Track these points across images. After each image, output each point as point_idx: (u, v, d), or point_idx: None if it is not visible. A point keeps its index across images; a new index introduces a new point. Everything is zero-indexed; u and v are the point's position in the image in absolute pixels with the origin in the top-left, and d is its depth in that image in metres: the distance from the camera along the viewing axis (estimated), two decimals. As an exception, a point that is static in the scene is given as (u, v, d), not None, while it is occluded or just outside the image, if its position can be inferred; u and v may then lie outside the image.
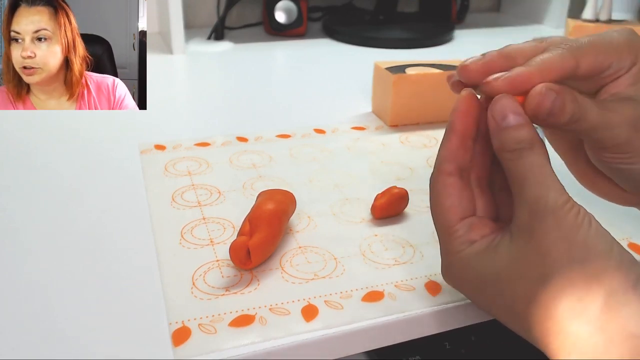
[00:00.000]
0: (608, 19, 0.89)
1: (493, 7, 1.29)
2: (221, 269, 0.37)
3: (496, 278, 0.29)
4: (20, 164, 0.51)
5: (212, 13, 1.02)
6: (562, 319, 0.25)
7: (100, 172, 0.49)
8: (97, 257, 0.38)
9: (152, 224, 0.41)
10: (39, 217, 0.42)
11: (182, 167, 0.50)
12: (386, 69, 0.59)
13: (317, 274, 0.36)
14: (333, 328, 0.32)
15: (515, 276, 0.28)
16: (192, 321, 0.32)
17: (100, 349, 0.30)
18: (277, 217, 0.37)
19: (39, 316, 0.33)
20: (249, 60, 0.88)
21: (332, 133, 0.58)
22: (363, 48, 0.95)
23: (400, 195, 0.43)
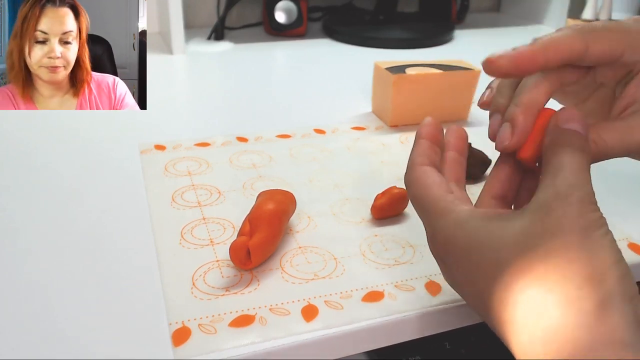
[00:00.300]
0: (608, 19, 0.89)
1: (493, 7, 1.29)
2: (221, 269, 0.37)
3: (488, 244, 0.27)
4: (20, 164, 0.51)
5: (212, 13, 1.02)
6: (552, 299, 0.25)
7: (100, 172, 0.49)
8: (97, 257, 0.38)
9: (152, 224, 0.41)
10: (39, 217, 0.42)
11: (182, 167, 0.50)
12: (386, 69, 0.59)
13: (317, 274, 0.36)
14: (333, 328, 0.32)
15: (514, 246, 0.27)
16: (192, 321, 0.32)
17: (100, 349, 0.30)
18: (277, 217, 0.37)
19: (39, 316, 0.33)
20: (249, 60, 0.88)
21: (332, 133, 0.58)
22: (363, 48, 0.95)
23: (400, 195, 0.42)
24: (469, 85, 0.61)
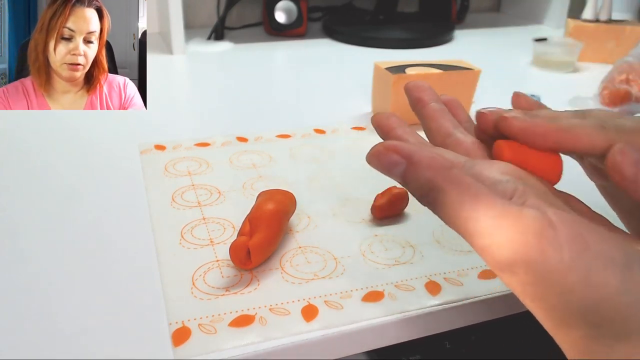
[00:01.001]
0: (608, 19, 0.89)
1: (493, 7, 1.29)
2: (221, 269, 0.37)
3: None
4: (20, 164, 0.51)
5: (212, 13, 1.02)
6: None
7: (100, 172, 0.49)
8: (97, 257, 0.38)
9: (152, 224, 0.41)
10: (39, 217, 0.42)
11: (182, 167, 0.50)
12: (386, 69, 0.59)
13: (317, 274, 0.36)
14: (333, 328, 0.32)
15: None
16: (192, 321, 0.32)
17: (100, 349, 0.30)
18: (277, 218, 0.37)
19: (39, 316, 0.33)
20: (249, 60, 0.88)
21: (332, 133, 0.58)
22: (363, 48, 0.95)
23: (400, 195, 0.42)
24: (469, 85, 0.61)
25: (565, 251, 0.22)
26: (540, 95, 0.71)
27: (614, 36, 0.88)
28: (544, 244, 0.22)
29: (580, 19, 0.90)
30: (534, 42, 0.86)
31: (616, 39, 0.88)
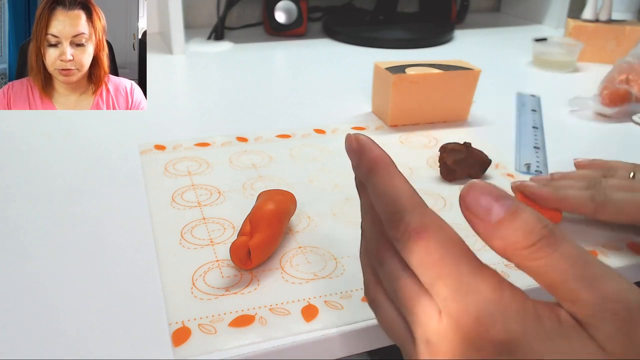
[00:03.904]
0: (608, 19, 0.89)
1: (493, 7, 1.29)
2: (221, 269, 0.37)
3: None
4: (20, 163, 0.51)
5: (212, 13, 1.02)
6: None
7: (100, 172, 0.49)
8: (97, 257, 0.38)
9: (152, 224, 0.41)
10: (39, 217, 0.42)
11: (182, 167, 0.50)
12: (386, 69, 0.59)
13: (317, 274, 0.36)
14: (333, 328, 0.32)
15: None
16: (192, 321, 0.32)
17: (100, 349, 0.30)
18: (277, 218, 0.37)
19: (39, 316, 0.33)
20: (249, 60, 0.88)
21: (332, 133, 0.58)
22: (363, 48, 0.95)
23: (400, 195, 0.42)
24: (469, 85, 0.61)
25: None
26: (540, 96, 0.71)
27: (614, 36, 0.88)
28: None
29: (580, 19, 0.90)
30: (534, 42, 0.86)
31: (616, 39, 0.88)
